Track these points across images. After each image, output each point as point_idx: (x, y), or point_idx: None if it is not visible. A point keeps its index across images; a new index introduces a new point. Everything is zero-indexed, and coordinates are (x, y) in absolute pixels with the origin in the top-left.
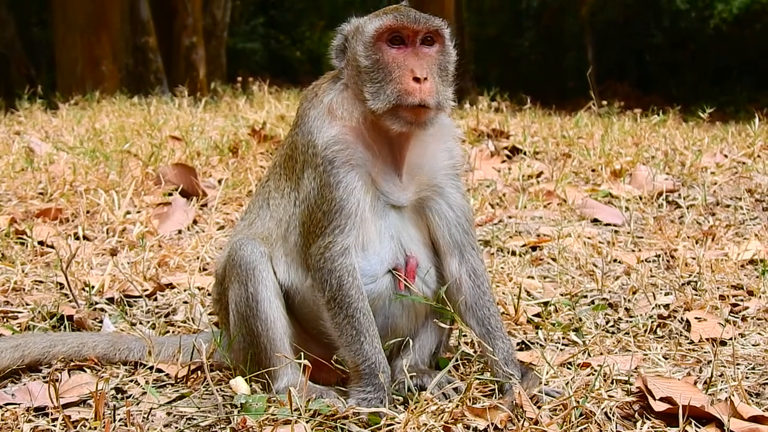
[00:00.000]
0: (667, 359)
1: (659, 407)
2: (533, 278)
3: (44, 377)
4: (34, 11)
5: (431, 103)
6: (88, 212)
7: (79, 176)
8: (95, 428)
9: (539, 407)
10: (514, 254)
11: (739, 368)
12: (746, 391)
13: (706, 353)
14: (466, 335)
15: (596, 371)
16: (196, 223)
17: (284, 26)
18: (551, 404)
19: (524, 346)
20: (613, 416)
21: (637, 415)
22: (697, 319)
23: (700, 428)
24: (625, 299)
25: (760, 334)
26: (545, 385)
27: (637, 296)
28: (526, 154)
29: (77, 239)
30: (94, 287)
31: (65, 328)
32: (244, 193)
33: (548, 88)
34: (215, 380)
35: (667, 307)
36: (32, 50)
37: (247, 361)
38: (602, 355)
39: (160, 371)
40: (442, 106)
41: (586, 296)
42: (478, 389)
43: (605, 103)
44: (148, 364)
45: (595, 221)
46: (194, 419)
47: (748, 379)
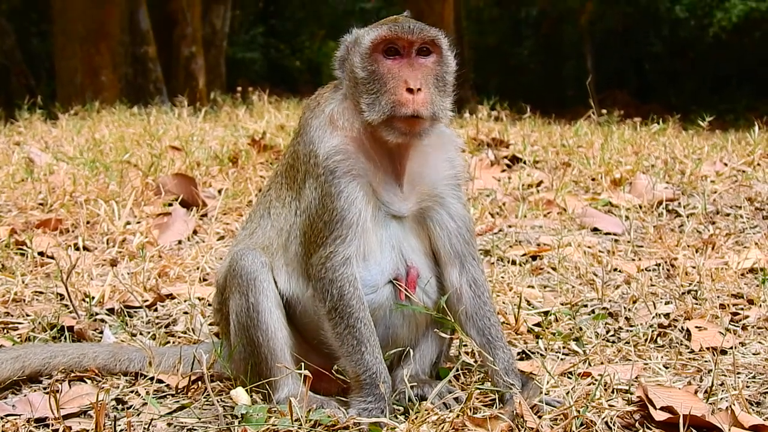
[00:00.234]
0: (667, 368)
1: (660, 416)
2: (533, 287)
3: (45, 388)
4: (33, 22)
5: (425, 113)
6: (88, 223)
7: (79, 186)
8: None
9: (540, 417)
10: (514, 263)
11: (739, 377)
12: (747, 400)
13: (706, 362)
14: (466, 345)
15: (597, 381)
16: (196, 233)
17: (284, 36)
18: (552, 414)
19: (525, 355)
20: (613, 426)
21: (637, 424)
22: (697, 328)
23: None
24: (625, 308)
25: (760, 343)
26: (546, 394)
27: (637, 305)
28: (525, 163)
29: (77, 250)
30: (94, 298)
31: (66, 339)
32: (244, 203)
33: (548, 96)
34: (216, 391)
35: (667, 316)
36: (32, 60)
37: (247, 371)
38: (603, 364)
39: (160, 382)
40: (437, 116)
41: (586, 305)
42: (478, 399)
43: (605, 111)
44: (148, 374)
45: (595, 230)
46: (195, 430)
47: (748, 388)
